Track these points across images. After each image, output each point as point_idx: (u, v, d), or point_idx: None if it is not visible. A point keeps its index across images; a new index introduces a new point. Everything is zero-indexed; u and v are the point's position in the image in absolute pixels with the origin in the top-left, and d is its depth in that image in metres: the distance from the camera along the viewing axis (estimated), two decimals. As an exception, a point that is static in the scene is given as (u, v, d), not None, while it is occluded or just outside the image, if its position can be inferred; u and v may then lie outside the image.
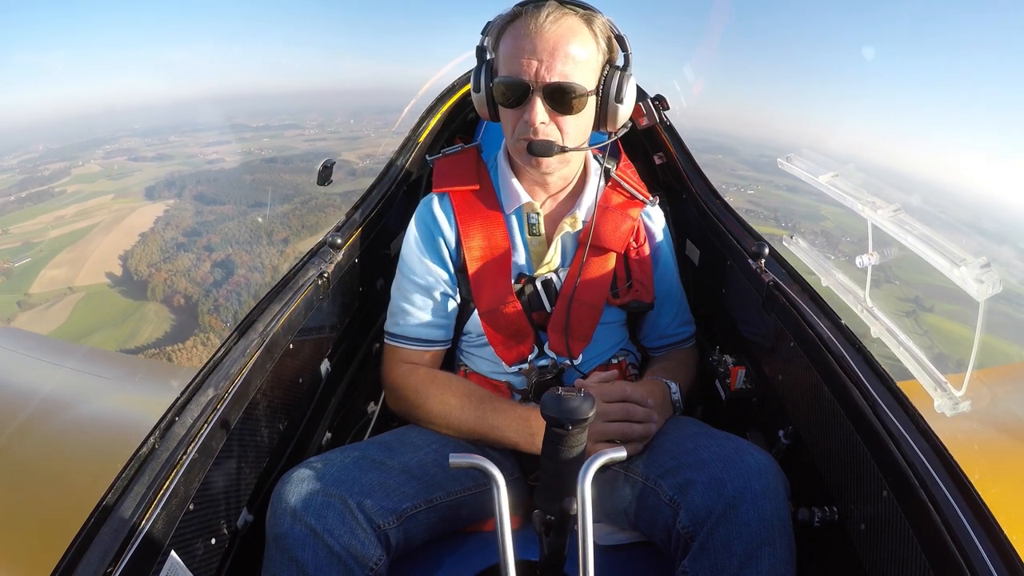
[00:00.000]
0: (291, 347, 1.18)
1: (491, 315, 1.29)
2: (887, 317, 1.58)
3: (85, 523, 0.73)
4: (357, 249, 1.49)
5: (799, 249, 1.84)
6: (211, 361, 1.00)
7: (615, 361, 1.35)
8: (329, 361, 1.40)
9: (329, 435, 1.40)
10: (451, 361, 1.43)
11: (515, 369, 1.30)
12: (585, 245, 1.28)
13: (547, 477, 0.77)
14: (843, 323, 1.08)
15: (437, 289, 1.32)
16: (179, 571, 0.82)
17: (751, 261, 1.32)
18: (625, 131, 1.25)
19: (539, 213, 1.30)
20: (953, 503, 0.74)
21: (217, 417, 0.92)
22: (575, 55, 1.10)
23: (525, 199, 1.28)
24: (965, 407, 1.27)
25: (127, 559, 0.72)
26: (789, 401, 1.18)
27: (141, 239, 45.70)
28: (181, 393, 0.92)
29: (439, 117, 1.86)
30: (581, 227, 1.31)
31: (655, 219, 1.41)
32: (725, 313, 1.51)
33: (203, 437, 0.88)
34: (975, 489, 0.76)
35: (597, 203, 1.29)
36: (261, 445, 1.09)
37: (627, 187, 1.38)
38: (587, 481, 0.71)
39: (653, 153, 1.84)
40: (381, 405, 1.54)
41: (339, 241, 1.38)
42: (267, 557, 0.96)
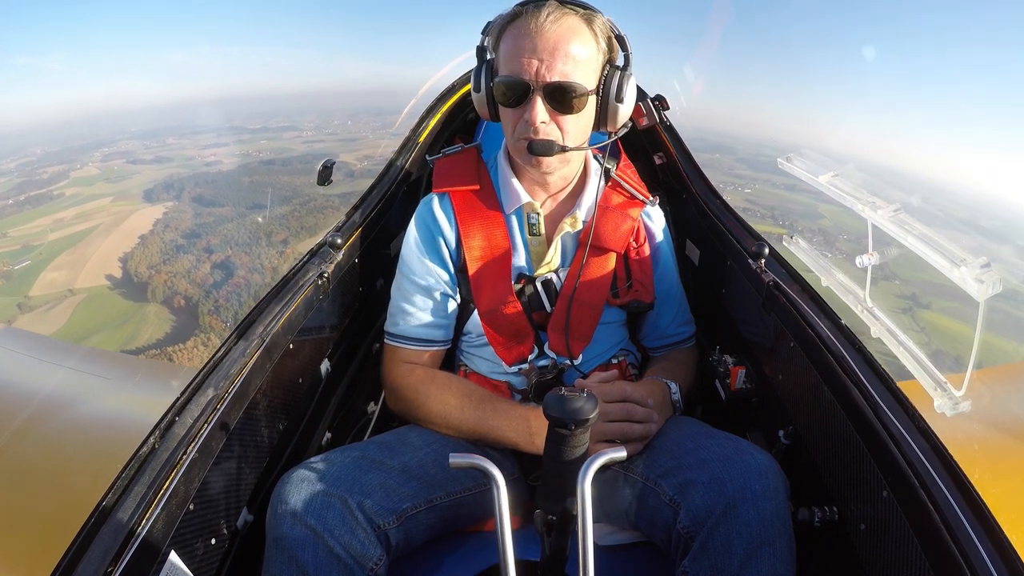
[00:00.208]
0: (291, 347, 1.18)
1: (491, 315, 1.29)
2: (887, 317, 1.58)
3: (85, 523, 0.73)
4: (357, 249, 1.49)
5: (799, 249, 1.85)
6: (211, 361, 0.99)
7: (615, 361, 1.35)
8: (329, 361, 1.40)
9: (329, 435, 1.40)
10: (451, 361, 1.43)
11: (515, 369, 1.30)
12: (585, 245, 1.29)
13: (549, 477, 0.77)
14: (843, 323, 1.08)
15: (437, 289, 1.32)
16: (179, 571, 0.82)
17: (751, 261, 1.32)
18: (625, 131, 1.25)
19: (539, 213, 1.30)
20: (953, 503, 0.74)
21: (217, 417, 0.92)
22: (575, 55, 1.10)
23: (525, 199, 1.29)
24: (965, 407, 1.27)
25: (127, 559, 0.72)
26: (789, 401, 1.18)
27: (141, 241, 45.68)
28: (181, 393, 0.92)
29: (439, 117, 1.87)
30: (581, 227, 1.31)
31: (655, 219, 1.41)
32: (725, 313, 1.51)
33: (203, 437, 0.88)
34: (975, 489, 0.75)
35: (597, 203, 1.29)
36: (261, 445, 1.09)
37: (627, 187, 1.38)
38: (587, 481, 0.70)
39: (653, 153, 1.85)
40: (381, 405, 1.53)
41: (339, 241, 1.38)
42: (267, 557, 0.96)
